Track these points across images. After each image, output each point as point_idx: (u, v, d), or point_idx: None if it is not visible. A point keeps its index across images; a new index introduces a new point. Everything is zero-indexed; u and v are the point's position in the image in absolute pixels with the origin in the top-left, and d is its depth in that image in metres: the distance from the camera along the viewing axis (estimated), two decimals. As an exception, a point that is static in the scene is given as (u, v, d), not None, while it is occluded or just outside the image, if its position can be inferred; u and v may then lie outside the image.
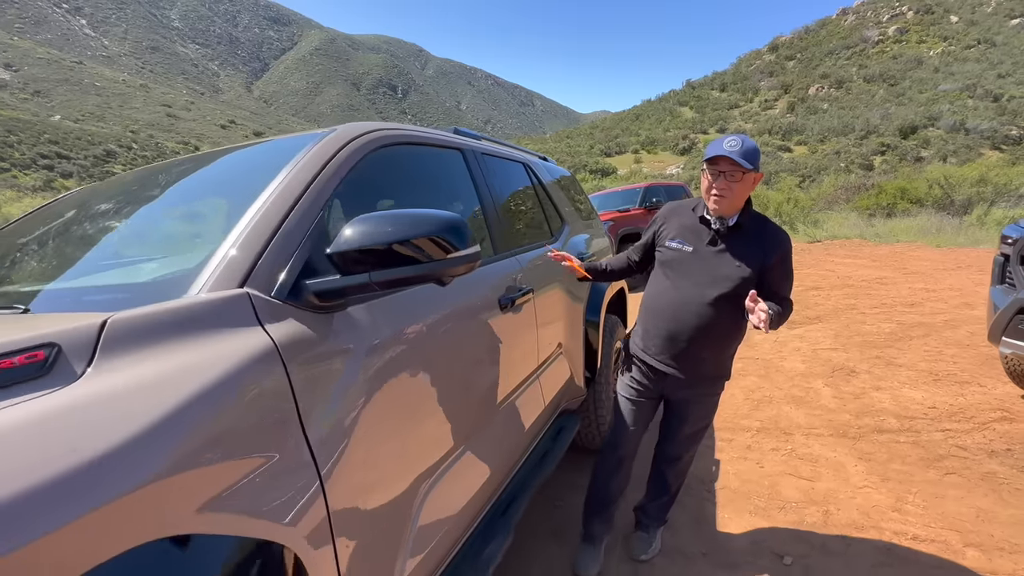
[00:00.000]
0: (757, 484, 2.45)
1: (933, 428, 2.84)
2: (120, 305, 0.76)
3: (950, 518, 2.09)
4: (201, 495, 0.64)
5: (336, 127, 1.34)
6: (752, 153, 1.55)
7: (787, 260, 1.64)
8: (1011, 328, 2.53)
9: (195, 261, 0.92)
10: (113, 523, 0.55)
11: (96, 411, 0.59)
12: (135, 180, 1.50)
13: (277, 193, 1.04)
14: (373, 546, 0.96)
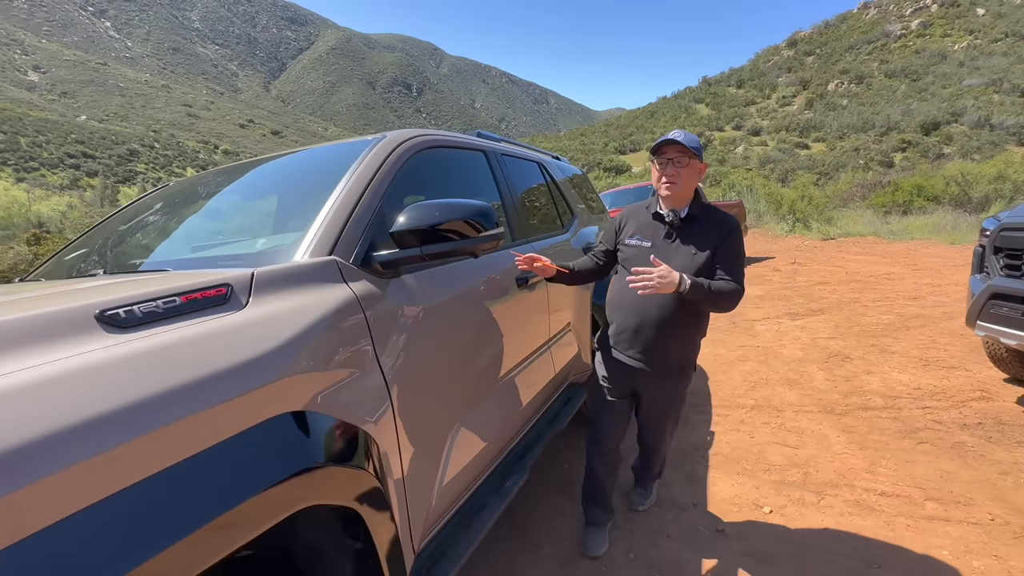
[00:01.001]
0: (747, 451, 2.72)
1: (914, 406, 3.07)
2: (248, 267, 1.08)
3: (917, 478, 2.34)
4: (316, 387, 0.96)
5: (386, 133, 1.66)
6: (694, 142, 1.68)
7: (732, 241, 1.70)
8: (984, 312, 2.75)
9: (294, 237, 1.24)
10: (277, 394, 0.87)
11: (257, 326, 0.91)
12: (228, 173, 1.84)
13: (348, 186, 1.36)
14: (422, 452, 1.27)
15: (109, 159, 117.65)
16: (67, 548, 0.57)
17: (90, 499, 0.60)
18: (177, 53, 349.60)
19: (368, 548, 1.01)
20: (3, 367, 0.63)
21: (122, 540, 0.61)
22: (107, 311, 0.77)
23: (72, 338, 0.72)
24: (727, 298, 1.65)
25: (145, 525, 0.64)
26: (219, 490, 0.73)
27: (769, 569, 1.86)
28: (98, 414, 0.64)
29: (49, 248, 11.57)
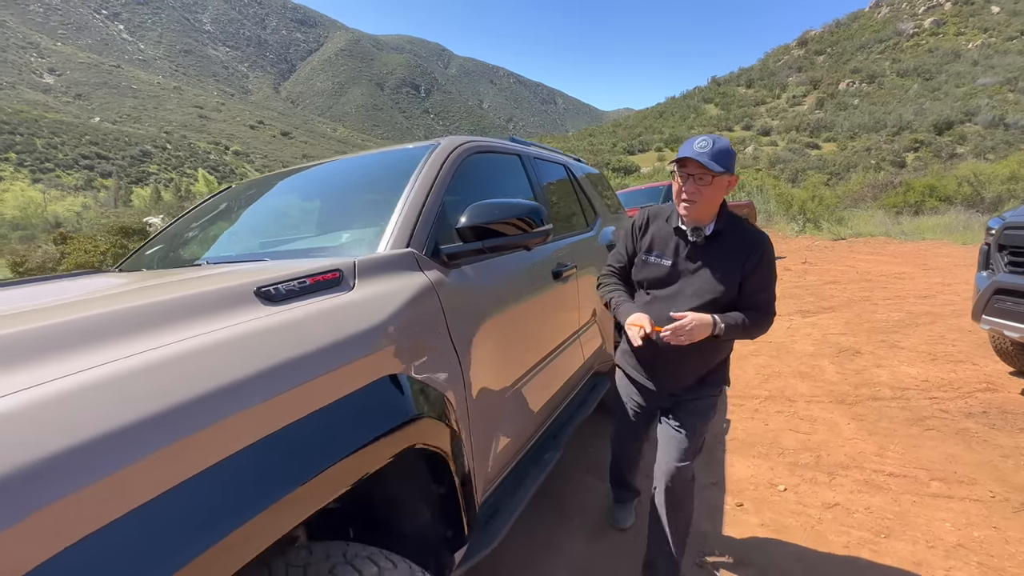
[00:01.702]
0: (761, 437, 2.89)
1: (922, 396, 3.22)
2: (344, 257, 1.27)
3: (923, 461, 2.50)
4: (409, 355, 1.14)
5: (439, 140, 1.85)
6: (723, 154, 1.47)
7: (764, 264, 1.53)
8: (989, 307, 2.90)
9: (374, 232, 1.44)
10: (384, 359, 1.06)
11: (364, 304, 1.10)
12: (296, 176, 2.05)
13: (416, 187, 1.55)
14: (483, 417, 1.46)
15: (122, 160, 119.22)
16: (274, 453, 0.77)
17: (281, 423, 0.80)
18: (189, 55, 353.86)
19: (450, 492, 1.19)
20: (204, 327, 0.83)
21: (303, 453, 0.81)
22: (262, 288, 0.96)
23: (241, 308, 0.91)
24: (759, 329, 1.55)
25: (314, 448, 0.83)
26: (353, 429, 0.92)
27: (785, 538, 2.03)
28: (273, 365, 0.83)
29: (76, 247, 11.93)
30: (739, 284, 1.54)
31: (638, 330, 1.49)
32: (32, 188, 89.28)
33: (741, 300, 1.56)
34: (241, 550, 0.70)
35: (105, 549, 0.58)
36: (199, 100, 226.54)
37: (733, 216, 1.60)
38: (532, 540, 2.14)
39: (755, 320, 1.53)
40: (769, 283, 1.56)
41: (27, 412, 0.58)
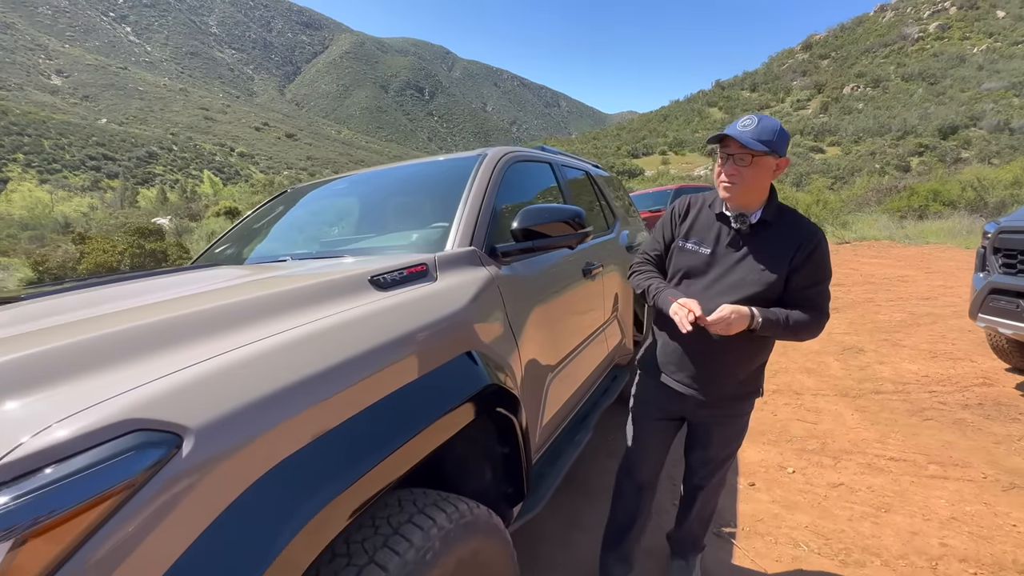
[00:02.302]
0: (770, 426, 3.09)
1: (922, 390, 3.42)
2: (424, 253, 1.49)
3: (921, 447, 2.70)
4: (481, 335, 1.36)
5: (486, 151, 2.07)
6: (769, 133, 1.35)
7: (816, 260, 1.40)
8: (984, 305, 3.09)
9: (439, 232, 1.66)
10: (465, 337, 1.27)
11: (447, 292, 1.32)
12: (354, 182, 2.28)
13: (472, 193, 1.77)
14: (533, 393, 1.67)
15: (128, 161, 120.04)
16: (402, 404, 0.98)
17: (404, 381, 1.02)
18: (195, 57, 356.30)
19: (513, 453, 1.41)
20: (340, 306, 1.04)
21: (417, 409, 1.02)
22: (374, 277, 1.18)
23: (361, 293, 1.13)
24: (808, 330, 1.41)
25: (425, 405, 1.05)
26: (450, 390, 1.14)
27: (794, 512, 2.23)
28: (387, 340, 1.04)
29: (95, 247, 12.21)
30: (786, 279, 1.41)
31: (686, 313, 1.36)
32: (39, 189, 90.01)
33: (788, 297, 1.42)
34: (386, 475, 0.92)
35: (297, 466, 0.79)
36: (205, 102, 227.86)
37: (784, 206, 1.47)
38: (560, 516, 2.34)
39: (803, 319, 1.39)
40: (821, 280, 1.42)
41: (251, 362, 0.80)
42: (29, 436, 0.59)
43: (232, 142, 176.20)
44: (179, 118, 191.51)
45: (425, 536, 0.98)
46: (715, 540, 2.09)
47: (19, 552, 0.54)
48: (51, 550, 0.56)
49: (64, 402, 0.65)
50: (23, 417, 0.62)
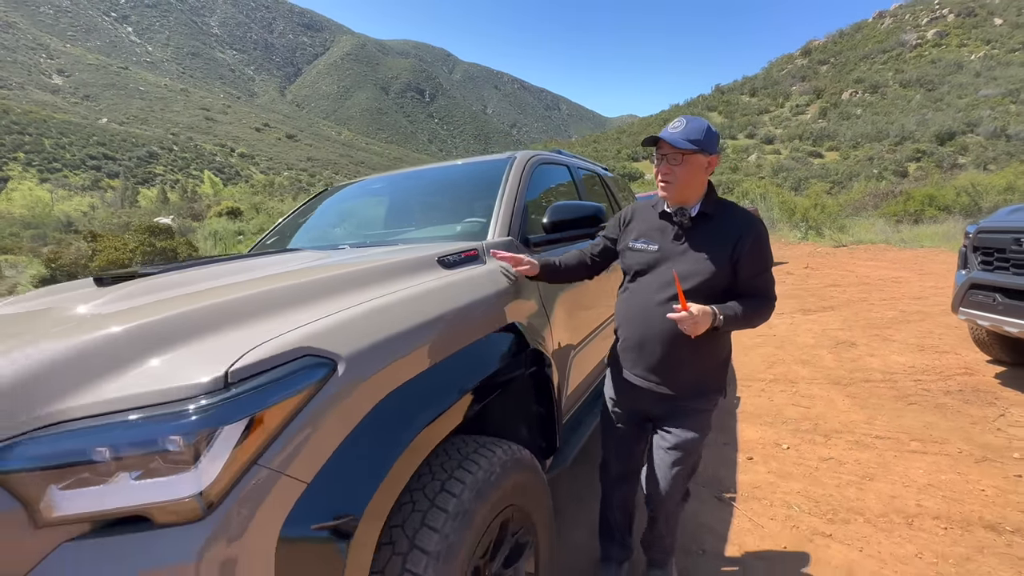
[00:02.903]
0: (767, 410, 3.34)
1: (908, 379, 3.67)
2: (473, 241, 1.74)
3: (905, 427, 2.95)
4: (521, 310, 1.61)
5: (514, 154, 2.32)
6: (697, 133, 1.46)
7: (757, 246, 1.48)
8: (965, 299, 3.35)
9: (480, 224, 1.91)
10: (510, 310, 1.52)
11: (494, 273, 1.57)
12: (395, 180, 2.54)
13: (507, 189, 2.02)
14: (561, 364, 1.92)
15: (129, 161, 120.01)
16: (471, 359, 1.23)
17: (473, 339, 1.27)
18: (196, 58, 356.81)
19: (548, 411, 1.66)
20: (401, 284, 1.29)
21: (481, 362, 1.27)
22: (440, 257, 1.44)
23: (427, 271, 1.38)
24: (759, 316, 1.50)
25: (486, 360, 1.30)
26: (499, 353, 1.38)
27: (788, 481, 2.48)
28: (444, 312, 1.29)
29: (107, 245, 12.44)
30: (733, 269, 1.48)
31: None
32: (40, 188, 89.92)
33: (739, 286, 1.50)
34: (462, 410, 1.17)
35: (409, 393, 1.04)
36: (205, 102, 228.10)
37: (723, 200, 1.57)
38: (579, 483, 2.59)
39: (754, 307, 1.48)
40: (765, 266, 1.51)
41: (371, 316, 1.05)
42: (242, 355, 0.84)
43: (233, 143, 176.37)
44: (180, 118, 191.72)
45: (488, 463, 1.22)
46: (716, 504, 2.34)
47: (251, 430, 0.79)
48: (264, 432, 0.81)
49: (259, 334, 0.90)
50: (238, 341, 0.88)
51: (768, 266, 1.53)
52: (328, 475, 0.86)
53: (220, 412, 0.77)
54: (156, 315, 0.92)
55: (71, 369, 0.80)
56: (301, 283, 1.13)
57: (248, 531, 0.76)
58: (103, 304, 1.08)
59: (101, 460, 0.73)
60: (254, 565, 0.77)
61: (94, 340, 0.85)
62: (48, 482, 0.72)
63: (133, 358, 0.84)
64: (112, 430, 0.74)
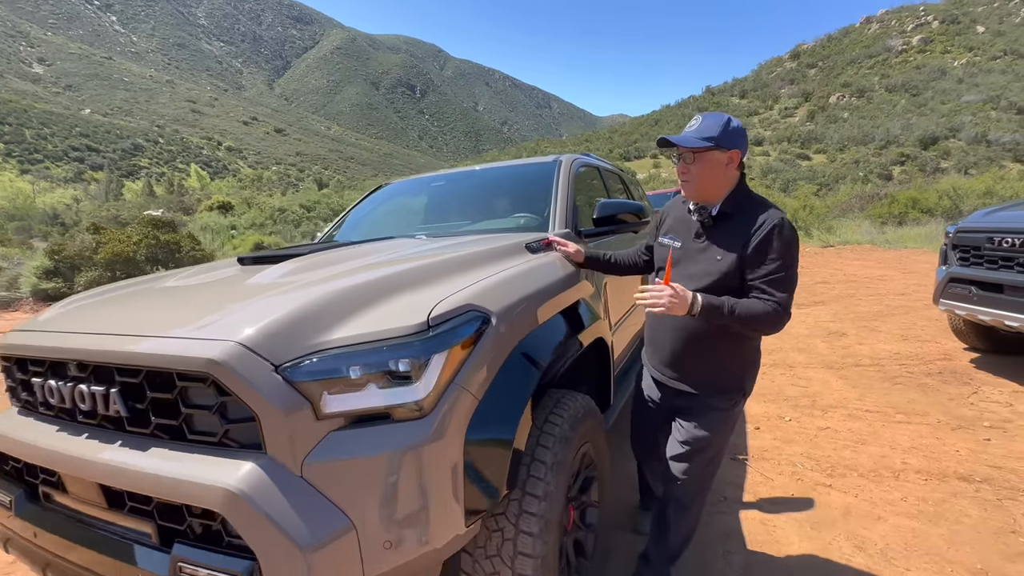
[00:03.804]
0: (770, 389, 3.72)
1: (894, 363, 4.08)
2: (526, 234, 2.07)
3: (892, 402, 3.34)
4: (585, 289, 1.94)
5: (560, 157, 2.65)
6: (711, 129, 1.45)
7: (767, 244, 1.40)
8: (944, 292, 3.75)
9: (542, 218, 2.24)
10: (577, 290, 1.85)
11: (560, 259, 1.90)
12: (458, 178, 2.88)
13: (560, 188, 2.36)
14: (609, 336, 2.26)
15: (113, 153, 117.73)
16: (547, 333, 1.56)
17: (560, 308, 1.59)
18: (182, 49, 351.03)
19: (604, 372, 1.99)
20: (501, 266, 1.61)
21: (568, 328, 1.60)
22: (527, 244, 1.76)
23: (517, 255, 1.71)
24: (760, 321, 1.39)
25: (569, 327, 1.63)
26: (578, 322, 1.72)
27: (792, 446, 2.85)
28: (544, 285, 1.61)
29: (111, 237, 12.53)
30: (742, 269, 1.43)
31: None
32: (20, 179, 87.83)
33: (745, 285, 1.44)
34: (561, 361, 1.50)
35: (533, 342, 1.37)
36: (192, 94, 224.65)
37: (751, 198, 1.51)
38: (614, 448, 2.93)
39: (752, 308, 1.39)
40: (774, 263, 1.40)
41: (500, 285, 1.38)
42: (433, 307, 1.16)
43: (220, 136, 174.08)
44: (165, 110, 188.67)
45: (575, 406, 1.56)
46: (732, 463, 2.70)
47: (449, 359, 1.11)
48: (454, 362, 1.13)
49: (434, 295, 1.23)
50: (430, 297, 1.20)
51: (777, 269, 1.40)
52: (491, 397, 1.19)
53: (431, 345, 1.10)
54: (361, 279, 1.25)
55: (323, 314, 1.12)
56: (442, 260, 1.46)
57: (450, 426, 1.09)
58: (291, 274, 1.40)
59: (354, 376, 1.05)
60: (452, 452, 1.09)
61: (330, 294, 1.17)
62: (322, 389, 1.04)
63: (359, 308, 1.16)
64: (360, 356, 1.06)
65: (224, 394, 1.02)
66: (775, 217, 1.44)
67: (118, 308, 1.42)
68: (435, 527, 1.07)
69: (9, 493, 1.37)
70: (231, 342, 1.02)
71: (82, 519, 1.23)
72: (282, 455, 1.01)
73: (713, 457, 1.66)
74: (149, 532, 1.10)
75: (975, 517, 2.14)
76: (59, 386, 1.21)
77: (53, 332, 1.32)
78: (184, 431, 1.08)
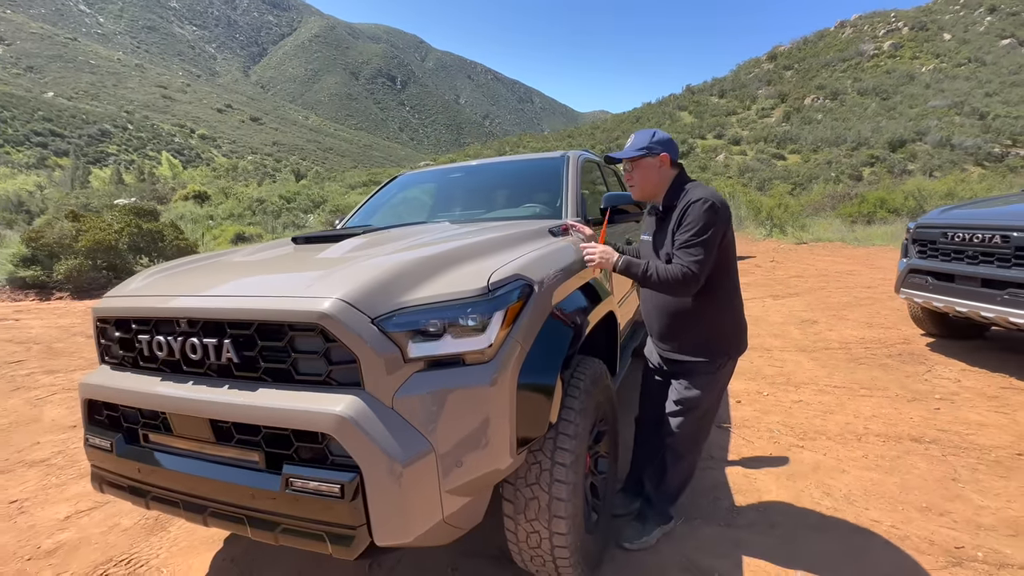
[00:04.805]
0: (748, 369, 4.07)
1: (859, 347, 4.48)
2: (544, 220, 2.33)
3: (857, 379, 3.72)
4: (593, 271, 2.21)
5: (567, 152, 2.91)
6: (641, 141, 1.85)
7: (684, 218, 1.73)
8: (905, 281, 4.16)
9: (556, 208, 2.50)
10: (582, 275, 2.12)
11: (569, 245, 2.16)
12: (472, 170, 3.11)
13: (570, 180, 2.62)
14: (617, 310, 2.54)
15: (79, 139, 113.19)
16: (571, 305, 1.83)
17: (578, 285, 1.86)
18: (152, 32, 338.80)
19: (612, 341, 2.27)
20: (532, 246, 1.87)
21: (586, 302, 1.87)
22: (550, 229, 2.02)
23: (543, 238, 1.97)
24: (664, 280, 1.71)
25: (586, 302, 1.89)
26: (590, 298, 1.99)
27: (769, 416, 3.19)
28: (568, 263, 1.88)
29: (91, 225, 12.32)
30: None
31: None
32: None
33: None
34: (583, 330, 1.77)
35: (565, 308, 1.64)
36: (163, 80, 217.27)
37: (685, 188, 1.83)
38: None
39: (663, 270, 1.71)
40: (687, 235, 1.70)
41: (536, 261, 1.64)
42: (490, 275, 1.41)
43: (192, 123, 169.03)
44: (135, 95, 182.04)
45: (594, 367, 1.83)
46: (717, 431, 3.02)
47: (506, 317, 1.37)
48: (509, 319, 1.39)
49: (489, 266, 1.48)
50: (486, 267, 1.46)
51: (689, 238, 1.70)
52: (536, 350, 1.45)
53: (492, 305, 1.35)
54: (426, 252, 1.50)
55: (402, 279, 1.37)
56: (486, 239, 1.72)
57: (507, 371, 1.35)
58: (357, 249, 1.64)
59: (433, 328, 1.30)
60: (508, 391, 1.35)
61: (405, 263, 1.42)
62: (408, 338, 1.28)
63: (429, 275, 1.41)
64: (437, 311, 1.31)
65: (329, 341, 1.26)
66: (695, 196, 1.75)
67: (210, 276, 1.63)
68: (495, 451, 1.33)
69: (108, 438, 1.57)
70: (336, 299, 1.26)
71: (188, 454, 1.45)
72: (377, 391, 1.26)
73: (704, 413, 1.96)
74: (256, 459, 1.33)
75: (923, 469, 2.50)
76: (168, 340, 1.43)
77: (156, 296, 1.53)
78: (292, 373, 1.31)
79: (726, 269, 1.88)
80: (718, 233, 1.74)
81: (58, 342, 5.56)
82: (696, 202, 1.73)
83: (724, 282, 1.90)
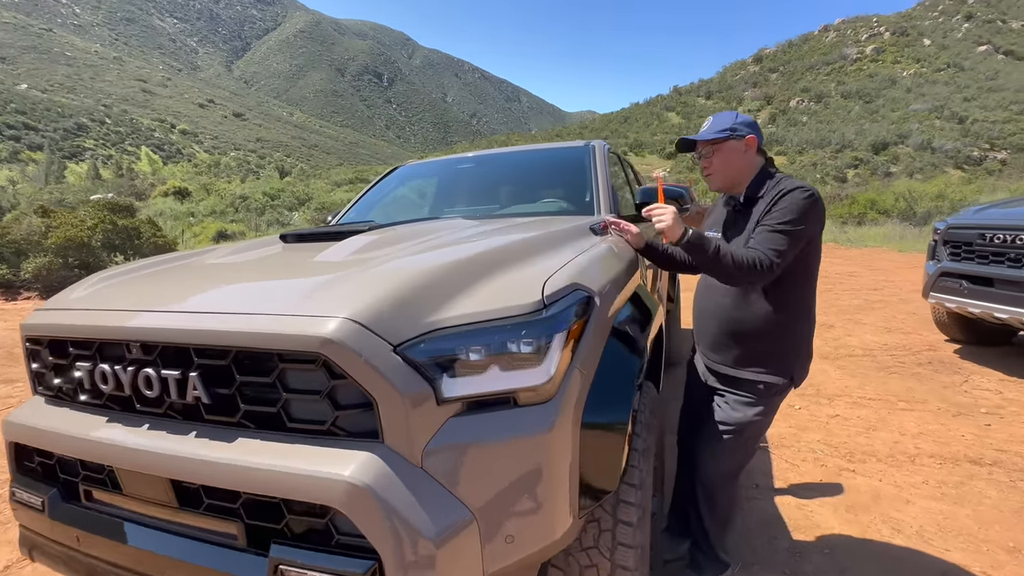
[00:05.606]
0: (773, 379, 3.79)
1: (885, 354, 4.24)
2: (576, 217, 2.01)
3: (891, 391, 3.47)
4: (642, 275, 1.90)
5: (591, 142, 2.59)
6: (724, 122, 1.57)
7: (773, 206, 1.47)
8: (935, 285, 3.92)
9: (586, 203, 2.18)
10: (634, 281, 1.80)
11: (612, 246, 1.84)
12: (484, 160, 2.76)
13: (600, 172, 2.30)
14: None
15: (54, 133, 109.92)
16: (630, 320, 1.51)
17: (624, 302, 1.54)
18: (131, 24, 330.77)
19: (659, 353, 1.96)
20: (578, 247, 1.55)
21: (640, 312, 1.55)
22: (591, 226, 1.70)
23: (585, 237, 1.65)
24: (738, 266, 1.42)
25: (640, 313, 1.58)
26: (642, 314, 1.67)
27: (807, 433, 2.91)
28: (622, 268, 1.56)
29: (62, 220, 11.68)
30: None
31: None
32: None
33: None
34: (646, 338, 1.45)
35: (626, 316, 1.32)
36: (142, 73, 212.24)
37: (776, 179, 1.57)
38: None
39: (737, 252, 1.44)
40: (771, 223, 1.44)
41: (590, 265, 1.32)
42: (543, 284, 1.08)
43: (173, 118, 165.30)
44: (113, 89, 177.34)
45: (651, 393, 1.52)
46: (756, 453, 2.73)
47: (568, 339, 1.04)
48: (573, 340, 1.07)
49: (540, 272, 1.15)
50: (533, 274, 1.13)
51: (777, 227, 1.44)
52: (601, 380, 1.13)
53: (552, 325, 1.02)
54: (455, 255, 1.16)
55: (430, 290, 1.03)
56: (523, 239, 1.39)
57: (569, 410, 1.02)
58: (364, 251, 1.29)
59: (475, 358, 0.96)
60: (571, 436, 1.02)
61: (431, 270, 1.08)
62: (442, 370, 0.95)
63: (464, 285, 1.07)
64: (480, 335, 0.98)
65: (335, 376, 0.92)
66: (793, 184, 1.51)
67: (174, 285, 1.27)
68: (556, 518, 1.01)
69: (39, 493, 1.21)
70: (344, 318, 0.91)
71: (142, 521, 1.09)
72: (400, 444, 0.92)
73: (744, 443, 1.66)
74: (234, 532, 0.99)
75: (995, 498, 2.23)
76: (115, 370, 1.07)
77: (101, 310, 1.16)
78: (283, 419, 0.97)
79: (807, 275, 1.62)
80: (809, 230, 1.49)
81: (20, 347, 5.08)
82: (795, 190, 1.47)
83: (803, 290, 1.64)
